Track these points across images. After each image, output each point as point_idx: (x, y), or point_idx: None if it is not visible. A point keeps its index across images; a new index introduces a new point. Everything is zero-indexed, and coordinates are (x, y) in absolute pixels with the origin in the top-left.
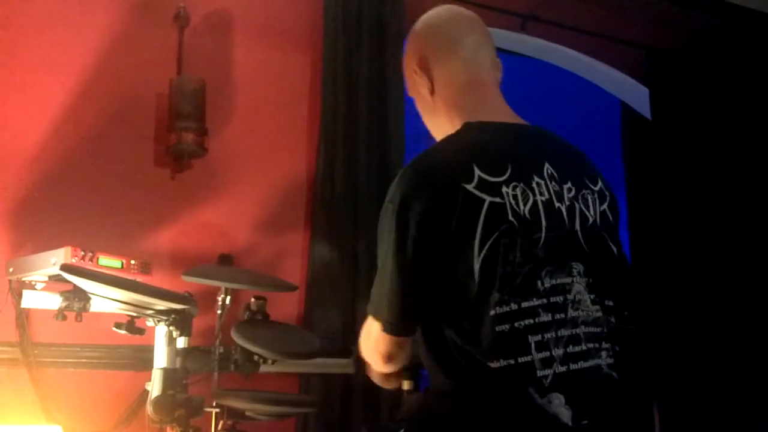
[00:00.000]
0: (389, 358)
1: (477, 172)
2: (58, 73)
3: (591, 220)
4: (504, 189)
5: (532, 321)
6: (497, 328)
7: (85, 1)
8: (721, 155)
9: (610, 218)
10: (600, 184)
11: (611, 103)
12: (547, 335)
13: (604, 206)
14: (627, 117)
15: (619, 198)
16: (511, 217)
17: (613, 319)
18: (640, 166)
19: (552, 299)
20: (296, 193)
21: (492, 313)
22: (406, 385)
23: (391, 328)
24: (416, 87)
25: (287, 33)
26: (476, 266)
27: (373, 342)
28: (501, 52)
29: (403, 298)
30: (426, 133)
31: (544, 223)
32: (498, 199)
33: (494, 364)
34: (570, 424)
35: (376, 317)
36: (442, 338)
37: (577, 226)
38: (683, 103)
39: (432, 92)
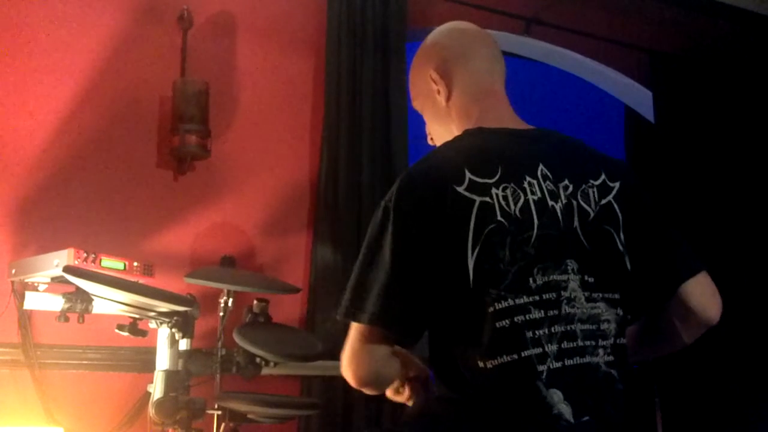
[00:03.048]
0: (367, 373)
1: (468, 174)
2: (61, 75)
3: (592, 215)
4: (494, 190)
5: (524, 317)
6: (498, 324)
7: (88, 2)
8: (724, 159)
9: (617, 210)
10: (603, 176)
11: (615, 106)
12: (539, 332)
13: (609, 198)
14: (630, 120)
15: None
16: (500, 217)
17: (620, 311)
18: (643, 169)
19: (545, 296)
20: (299, 196)
21: (491, 309)
22: None
23: (378, 320)
24: (431, 94)
25: (291, 36)
26: (470, 264)
27: (348, 356)
28: (504, 55)
29: (395, 293)
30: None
31: (536, 221)
32: (488, 199)
33: (496, 361)
34: (572, 420)
35: (358, 315)
36: (436, 341)
37: (576, 224)
38: (687, 107)
39: (448, 99)
